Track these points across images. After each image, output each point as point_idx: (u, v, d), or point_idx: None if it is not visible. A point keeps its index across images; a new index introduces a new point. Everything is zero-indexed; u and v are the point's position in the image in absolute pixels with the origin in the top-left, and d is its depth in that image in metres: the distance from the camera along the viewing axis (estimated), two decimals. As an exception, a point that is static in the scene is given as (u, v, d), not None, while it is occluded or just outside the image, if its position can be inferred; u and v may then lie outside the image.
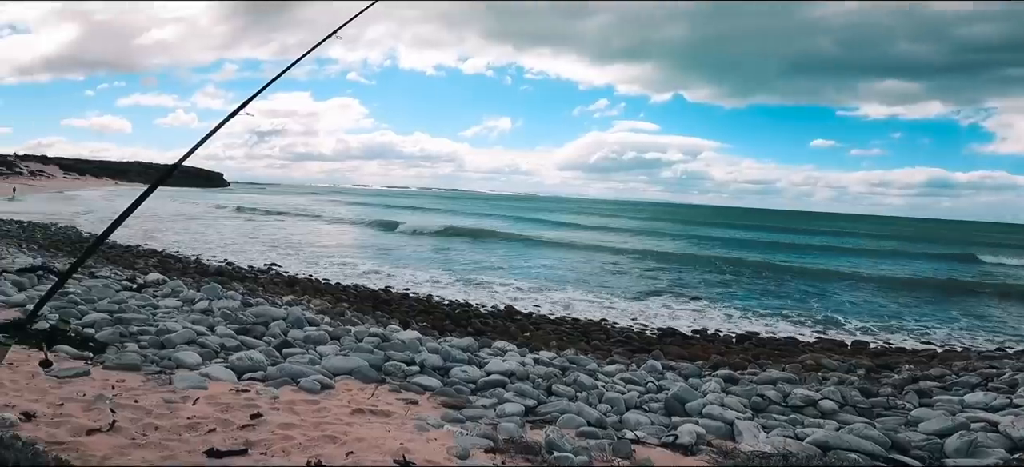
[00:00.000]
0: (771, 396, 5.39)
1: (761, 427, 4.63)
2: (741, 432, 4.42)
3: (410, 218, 39.64)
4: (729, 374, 6.26)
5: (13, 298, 6.44)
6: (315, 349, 5.88)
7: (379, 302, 12.04)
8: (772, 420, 4.91)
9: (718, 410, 4.79)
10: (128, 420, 3.27)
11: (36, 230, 20.31)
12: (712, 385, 5.59)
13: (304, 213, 44.03)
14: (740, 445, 4.25)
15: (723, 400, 5.15)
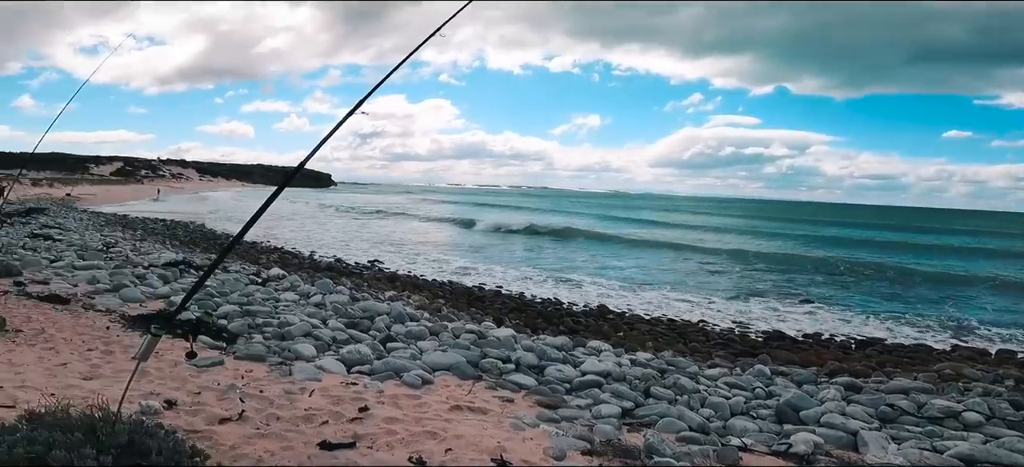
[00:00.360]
0: (903, 406, 4.88)
1: (891, 438, 4.21)
2: (867, 443, 4.04)
3: (501, 217, 40.18)
4: (850, 382, 5.74)
5: (159, 290, 7.30)
6: (416, 344, 6.12)
7: (473, 299, 12.31)
8: (904, 431, 4.45)
9: (839, 419, 4.42)
10: (254, 410, 3.58)
11: (177, 228, 22.94)
12: (831, 392, 5.16)
13: (404, 212, 46.12)
14: (865, 457, 3.89)
15: (845, 409, 4.74)
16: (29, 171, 61.39)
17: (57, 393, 3.41)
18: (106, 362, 4.20)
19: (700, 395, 5.03)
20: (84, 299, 6.36)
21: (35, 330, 4.78)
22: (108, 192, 45.50)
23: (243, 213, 35.60)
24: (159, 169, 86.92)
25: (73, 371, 3.91)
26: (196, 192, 63.62)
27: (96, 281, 7.35)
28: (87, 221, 21.54)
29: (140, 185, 63.84)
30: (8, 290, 6.32)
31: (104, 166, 61.50)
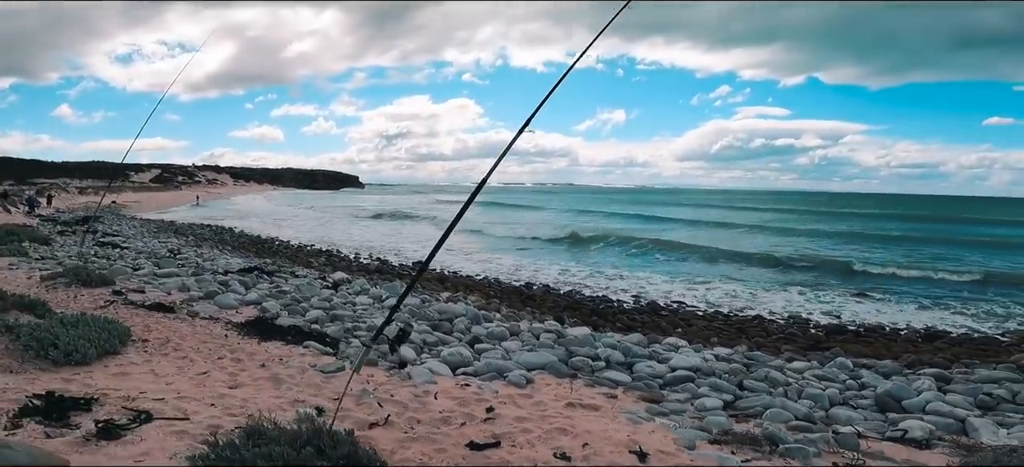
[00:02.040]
0: (1000, 395, 4.95)
1: (998, 425, 4.28)
2: (976, 429, 4.16)
3: (537, 216, 40.28)
4: (939, 373, 5.80)
5: (248, 297, 7.61)
6: (500, 345, 6.33)
7: (525, 298, 12.49)
8: (1007, 418, 4.52)
9: (945, 407, 4.52)
10: (395, 414, 3.80)
11: (224, 233, 23.60)
12: (925, 383, 5.23)
13: (436, 214, 46.42)
14: (981, 441, 3.98)
15: (943, 398, 4.82)
16: (73, 179, 63.77)
17: (216, 403, 3.68)
18: (241, 370, 4.46)
19: (795, 387, 5.14)
20: (186, 306, 6.70)
21: (160, 339, 5.08)
22: (151, 199, 46.88)
23: (280, 218, 36.37)
24: (195, 175, 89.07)
25: (217, 380, 4.17)
26: (232, 197, 65.06)
27: (187, 288, 7.71)
28: (140, 228, 22.31)
29: (178, 191, 65.59)
30: (111, 300, 6.68)
31: (143, 173, 63.25)
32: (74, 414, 3.06)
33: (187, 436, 3.03)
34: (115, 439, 2.82)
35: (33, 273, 8.41)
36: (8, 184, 51.61)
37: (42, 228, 17.18)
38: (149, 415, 3.18)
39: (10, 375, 3.68)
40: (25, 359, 3.87)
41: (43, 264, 9.59)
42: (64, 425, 2.91)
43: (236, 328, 5.85)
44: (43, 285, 7.26)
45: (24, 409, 3.00)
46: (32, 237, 13.07)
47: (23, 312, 5.29)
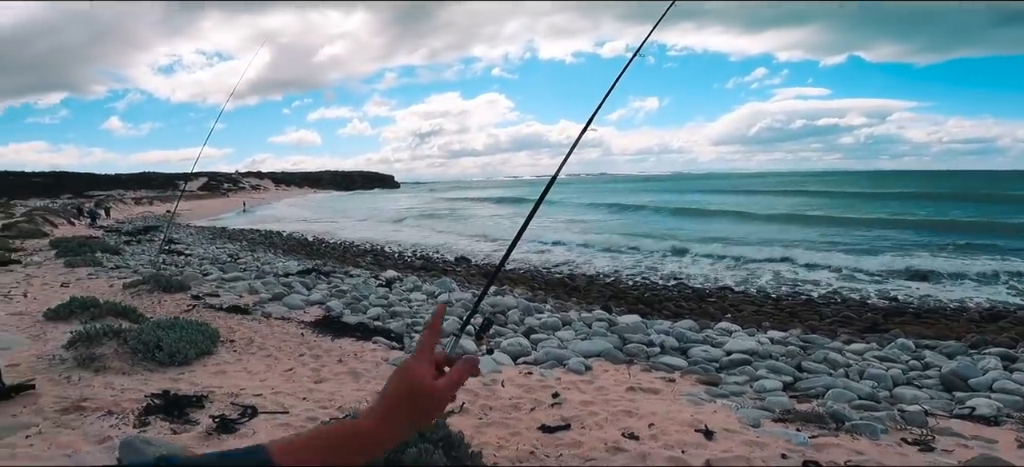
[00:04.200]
0: (1070, 374, 4.86)
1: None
2: (1047, 406, 4.11)
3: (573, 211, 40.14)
4: (1004, 352, 5.70)
5: (312, 297, 8.03)
6: (555, 334, 6.55)
7: (570, 289, 12.64)
8: (1077, 398, 4.46)
9: (1012, 385, 4.51)
10: (468, 402, 4.05)
11: (274, 237, 24.53)
12: (991, 362, 5.18)
13: (470, 211, 46.85)
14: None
15: (1010, 377, 4.78)
16: (126, 191, 67.09)
17: (307, 397, 4.00)
18: (322, 366, 4.80)
19: (855, 368, 5.17)
20: (258, 308, 7.14)
21: (245, 339, 5.48)
22: (201, 206, 48.88)
23: (320, 222, 37.44)
24: (239, 181, 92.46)
25: (302, 376, 4.52)
26: (274, 202, 67.17)
27: (255, 291, 8.18)
28: (197, 235, 23.40)
29: (226, 198, 68.18)
30: (192, 304, 7.18)
31: (192, 182, 66.08)
32: (190, 410, 3.41)
33: (290, 428, 3.34)
34: (232, 432, 3.15)
35: (113, 281, 9.05)
36: (66, 198, 54.71)
37: (108, 239, 18.24)
38: (254, 409, 3.51)
39: (124, 377, 4.08)
40: (135, 361, 4.28)
41: (118, 273, 10.28)
42: (185, 421, 3.25)
43: (309, 327, 6.23)
44: (127, 292, 7.84)
45: (148, 408, 3.37)
46: (102, 248, 13.97)
47: (118, 318, 5.79)
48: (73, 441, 2.87)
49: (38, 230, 20.46)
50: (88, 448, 2.79)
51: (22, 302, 7.12)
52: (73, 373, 4.01)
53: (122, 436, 2.91)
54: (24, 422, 3.06)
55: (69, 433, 2.97)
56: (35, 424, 3.05)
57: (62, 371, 4.06)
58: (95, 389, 3.73)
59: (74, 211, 33.26)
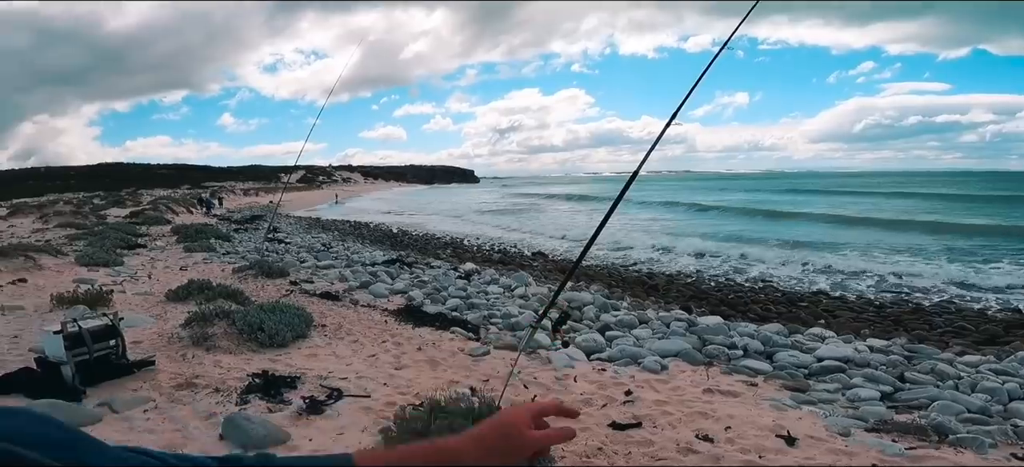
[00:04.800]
0: None
1: None
2: None
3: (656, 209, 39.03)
4: None
5: (396, 286, 8.43)
6: (630, 332, 6.45)
7: (648, 287, 12.34)
8: None
9: None
10: (540, 395, 4.12)
11: (362, 228, 25.86)
12: None
13: (547, 207, 46.88)
14: None
15: None
16: (236, 182, 73.38)
17: (388, 382, 4.23)
18: (402, 353, 5.05)
19: (967, 381, 4.69)
20: (347, 295, 7.60)
21: (334, 324, 5.87)
22: (299, 198, 52.45)
23: (404, 214, 38.95)
24: (332, 175, 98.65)
25: (384, 362, 4.78)
26: (363, 194, 70.79)
27: (345, 279, 8.71)
28: (295, 225, 25.16)
29: (320, 190, 72.79)
30: (290, 289, 7.77)
31: (291, 175, 71.34)
32: (285, 391, 3.72)
33: (371, 412, 3.56)
34: (319, 413, 3.40)
35: (224, 266, 9.97)
36: (186, 188, 60.66)
37: (220, 227, 20.05)
38: (340, 392, 3.77)
39: (231, 356, 4.51)
40: (240, 341, 4.72)
41: (229, 258, 11.31)
42: (279, 401, 3.55)
43: (392, 315, 6.55)
44: (235, 276, 8.61)
45: (249, 386, 3.71)
46: (216, 235, 15.40)
47: (228, 300, 6.38)
48: (184, 416, 3.23)
49: (162, 217, 22.91)
50: (196, 423, 3.13)
51: (147, 283, 8.01)
52: (188, 351, 4.50)
53: (226, 413, 3.24)
54: (143, 397, 3.47)
55: (181, 408, 3.35)
56: (152, 399, 3.46)
57: (179, 349, 4.55)
58: (205, 367, 4.16)
59: (194, 201, 36.83)
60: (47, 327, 3.56)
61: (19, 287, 7.10)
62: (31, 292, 6.81)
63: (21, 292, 6.82)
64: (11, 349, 4.48)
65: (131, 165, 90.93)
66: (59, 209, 26.05)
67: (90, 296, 6.34)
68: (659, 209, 35.22)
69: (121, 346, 3.79)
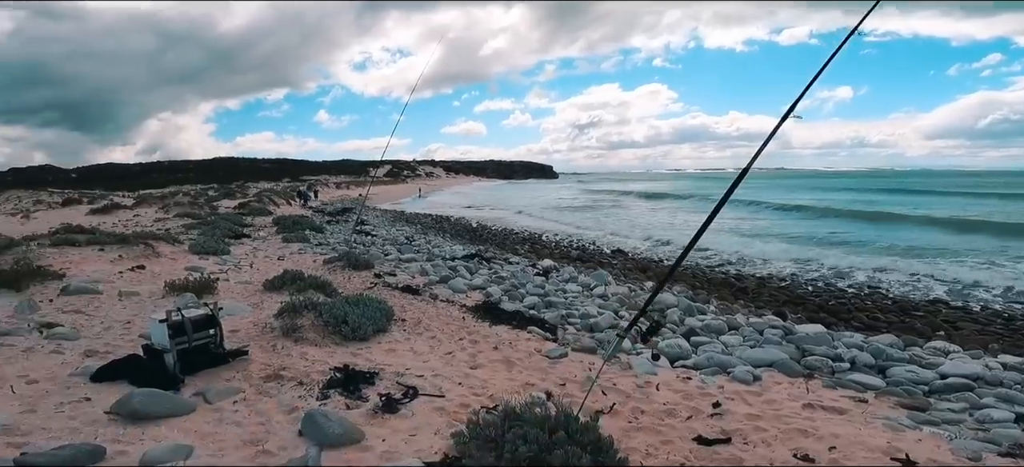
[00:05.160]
0: None
1: None
2: None
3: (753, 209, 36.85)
4: None
5: (474, 282, 8.47)
6: (718, 339, 6.05)
7: (736, 290, 11.61)
8: None
9: None
10: (619, 403, 3.92)
11: (444, 222, 26.47)
12: None
13: (627, 203, 45.78)
14: None
15: None
16: (330, 176, 78.02)
17: (462, 382, 4.19)
18: (478, 351, 5.02)
19: None
20: (427, 289, 7.73)
21: (414, 319, 5.96)
22: (385, 191, 54.82)
23: (483, 209, 39.46)
24: (416, 169, 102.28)
25: (460, 360, 4.76)
26: (444, 189, 72.69)
27: (426, 273, 8.87)
28: (380, 218, 26.21)
29: (404, 184, 75.66)
30: (374, 282, 8.02)
31: (378, 169, 74.95)
32: (363, 386, 3.78)
33: (445, 413, 3.52)
34: (394, 413, 3.41)
35: (316, 256, 10.50)
36: (286, 181, 65.14)
37: (314, 218, 21.25)
38: (416, 391, 3.78)
39: (316, 348, 4.67)
40: (325, 334, 4.89)
41: (320, 249, 11.91)
42: (358, 397, 3.60)
43: (470, 311, 6.57)
44: (325, 267, 9.03)
45: (330, 381, 3.80)
46: (310, 226, 16.32)
47: (317, 290, 6.68)
48: (268, 409, 3.35)
49: (264, 209, 24.69)
50: (279, 418, 3.23)
51: (248, 272, 8.56)
52: (278, 342, 4.71)
53: (307, 408, 3.32)
54: (235, 388, 3.65)
55: (266, 401, 3.48)
56: (242, 390, 3.62)
57: (270, 339, 4.78)
58: (293, 358, 4.32)
59: (293, 194, 39.45)
60: (154, 315, 3.82)
61: (137, 273, 7.81)
62: (147, 279, 7.47)
63: (139, 278, 7.49)
64: (123, 334, 4.90)
65: (240, 159, 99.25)
66: (178, 200, 28.85)
67: (198, 284, 6.85)
68: (747, 208, 33.19)
69: (219, 336, 4.01)
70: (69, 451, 2.44)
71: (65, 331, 4.80)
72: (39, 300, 5.93)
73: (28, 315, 5.35)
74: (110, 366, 3.70)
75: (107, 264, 8.17)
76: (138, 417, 2.99)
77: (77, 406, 3.19)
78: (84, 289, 6.39)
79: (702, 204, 39.70)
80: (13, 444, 2.62)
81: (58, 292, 6.27)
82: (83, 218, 19.28)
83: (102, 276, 7.31)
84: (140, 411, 3.00)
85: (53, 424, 2.92)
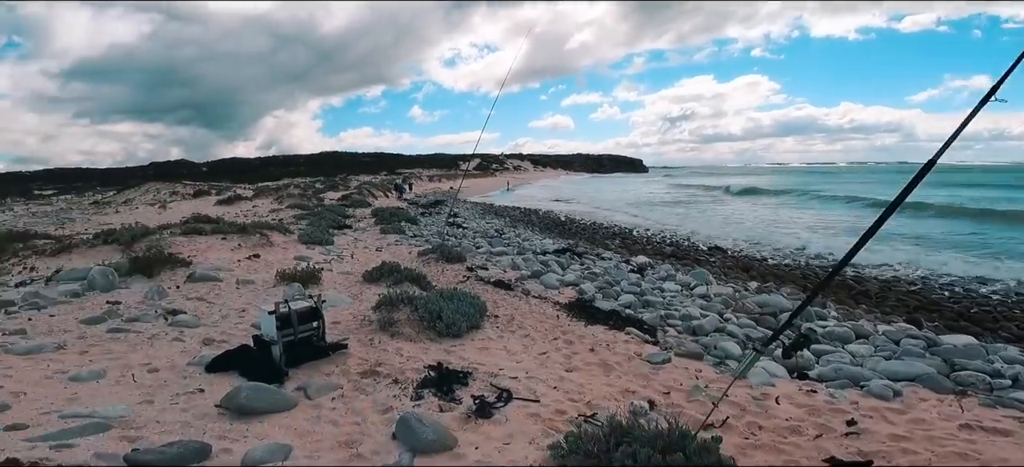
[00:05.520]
0: None
1: None
2: None
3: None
4: None
5: (566, 278, 8.24)
6: (844, 347, 5.41)
7: (856, 293, 10.46)
8: None
9: None
10: (733, 417, 3.54)
11: (531, 215, 26.42)
12: None
13: (722, 199, 43.38)
14: None
15: None
16: (423, 169, 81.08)
17: (558, 386, 3.98)
18: (573, 353, 4.80)
19: None
20: (519, 284, 7.61)
21: (506, 316, 5.85)
22: (475, 185, 55.82)
23: (571, 202, 38.97)
24: (504, 163, 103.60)
25: (555, 362, 4.56)
26: (533, 182, 72.94)
27: (517, 267, 8.77)
28: (471, 210, 26.66)
29: (493, 178, 76.82)
30: (467, 275, 8.03)
31: (470, 163, 76.59)
32: (456, 387, 3.68)
33: (540, 419, 3.33)
34: (487, 417, 3.27)
35: (411, 248, 10.76)
36: (384, 175, 68.40)
37: (409, 210, 21.99)
38: (510, 394, 3.62)
39: (411, 343, 4.67)
40: (420, 329, 4.88)
41: (415, 240, 12.21)
42: (451, 398, 3.50)
43: (563, 309, 6.36)
44: (420, 259, 9.20)
45: (425, 380, 3.74)
46: (405, 218, 16.87)
47: (413, 283, 6.77)
48: (364, 408, 3.33)
49: (364, 201, 25.98)
50: (373, 418, 3.19)
51: (349, 263, 8.91)
52: (375, 336, 4.76)
53: (401, 408, 3.27)
54: (333, 383, 3.68)
55: (362, 399, 3.47)
56: (340, 386, 3.65)
57: (368, 332, 4.85)
58: (388, 354, 4.33)
59: (390, 186, 41.26)
60: (264, 306, 3.97)
61: (253, 262, 8.36)
62: (262, 267, 7.96)
63: (254, 267, 8.00)
64: (238, 323, 5.18)
65: (343, 154, 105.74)
66: (290, 192, 31.10)
67: (305, 274, 7.18)
68: (862, 207, 30.04)
69: (321, 328, 4.10)
70: (177, 449, 2.52)
71: (187, 318, 5.17)
72: (168, 286, 6.47)
73: (157, 301, 5.84)
74: (223, 356, 3.88)
75: (228, 252, 8.81)
76: (244, 412, 3.08)
77: (190, 398, 3.35)
78: (207, 277, 6.90)
79: (802, 200, 36.63)
80: (127, 438, 2.76)
81: (185, 279, 6.82)
82: (211, 208, 21.30)
83: (223, 264, 7.88)
84: (246, 406, 3.09)
85: (167, 417, 3.06)
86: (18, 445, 2.57)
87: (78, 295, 6.01)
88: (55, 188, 65.50)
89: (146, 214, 22.65)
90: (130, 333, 4.70)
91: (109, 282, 6.38)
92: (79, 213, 27.34)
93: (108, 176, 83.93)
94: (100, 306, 5.59)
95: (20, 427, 2.80)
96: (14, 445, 2.57)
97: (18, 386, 3.38)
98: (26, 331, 4.66)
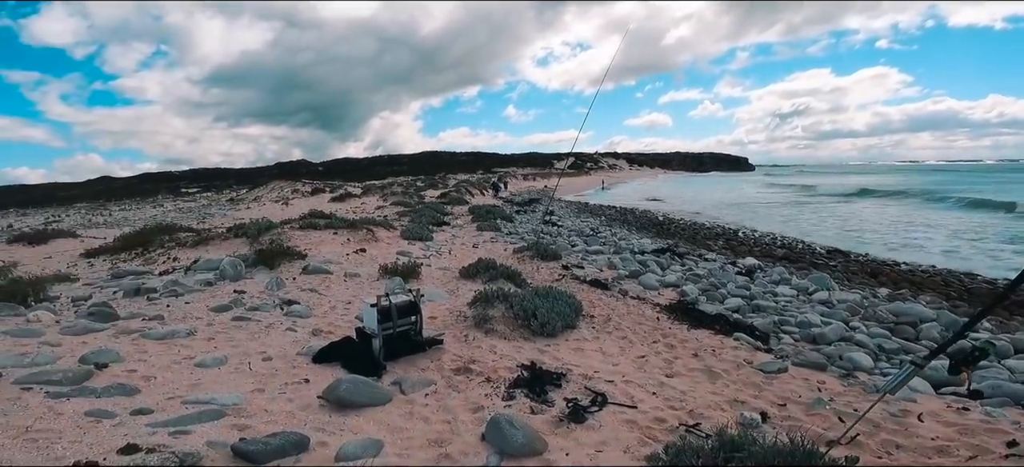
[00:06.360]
0: None
1: None
2: None
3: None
4: None
5: (667, 278, 7.85)
6: (1001, 362, 4.66)
7: (1012, 303, 9.03)
8: None
9: None
10: (864, 434, 3.12)
11: (627, 215, 25.71)
12: None
13: (842, 201, 39.46)
14: None
15: None
16: (518, 168, 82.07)
17: (657, 392, 3.73)
18: (675, 358, 4.52)
19: None
20: (616, 284, 7.36)
21: (602, 316, 5.66)
22: (569, 183, 55.48)
23: (669, 201, 37.43)
24: (599, 161, 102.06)
25: (654, 366, 4.32)
26: (629, 180, 71.20)
27: (614, 266, 8.51)
28: (566, 209, 26.47)
29: (588, 177, 75.91)
30: (562, 273, 7.90)
31: (562, 162, 76.48)
32: (549, 388, 3.57)
33: (636, 427, 3.13)
34: (581, 422, 3.12)
35: (506, 245, 10.82)
36: (480, 173, 70.01)
37: (504, 208, 22.24)
38: (604, 398, 3.45)
39: (505, 341, 4.63)
40: (514, 327, 4.84)
41: (510, 238, 12.28)
42: (543, 400, 3.39)
43: (664, 310, 6.04)
44: (515, 256, 9.21)
45: (517, 379, 3.67)
46: (501, 215, 17.06)
47: (508, 280, 6.77)
48: (456, 406, 3.31)
49: (462, 198, 26.69)
50: (464, 417, 3.17)
51: (447, 259, 9.12)
52: (470, 332, 4.78)
53: (492, 408, 3.22)
54: (428, 379, 3.72)
55: (455, 397, 3.46)
56: (434, 382, 3.67)
57: (463, 328, 4.88)
58: (482, 351, 4.32)
59: (486, 185, 42.13)
60: (367, 300, 4.11)
61: (360, 256, 8.80)
62: (367, 261, 8.36)
63: (361, 261, 8.42)
64: (344, 314, 5.43)
65: (442, 153, 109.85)
66: (393, 190, 32.75)
67: (405, 269, 7.44)
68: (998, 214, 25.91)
69: (419, 323, 4.17)
70: (279, 441, 2.63)
71: (300, 309, 5.51)
72: (286, 277, 6.97)
73: (275, 292, 6.30)
74: (329, 348, 4.07)
75: (338, 246, 9.36)
76: (343, 404, 3.17)
77: (297, 389, 3.52)
78: (319, 269, 7.35)
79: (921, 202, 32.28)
80: (237, 426, 2.92)
81: (300, 271, 7.31)
82: (325, 205, 22.94)
83: (334, 257, 8.36)
84: (345, 399, 3.18)
85: (274, 406, 3.23)
86: (141, 431, 2.78)
87: (210, 284, 6.62)
88: (198, 186, 73.89)
89: (271, 210, 24.85)
90: (251, 322, 5.08)
91: (237, 272, 6.98)
92: (218, 208, 30.71)
93: (242, 175, 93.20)
94: (228, 295, 6.11)
95: (146, 412, 3.04)
96: (137, 430, 2.78)
97: (150, 370, 3.73)
98: (164, 317, 5.19)
